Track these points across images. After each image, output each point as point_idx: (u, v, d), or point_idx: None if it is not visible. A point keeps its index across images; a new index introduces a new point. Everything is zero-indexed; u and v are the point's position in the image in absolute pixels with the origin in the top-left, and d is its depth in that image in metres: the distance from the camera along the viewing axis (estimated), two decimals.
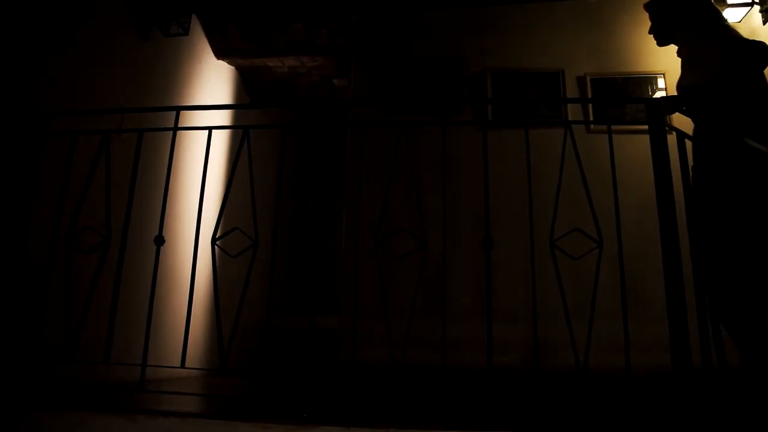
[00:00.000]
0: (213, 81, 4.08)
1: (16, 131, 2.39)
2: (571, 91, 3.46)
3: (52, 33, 2.60)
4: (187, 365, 2.98)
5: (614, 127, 2.80)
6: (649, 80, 3.48)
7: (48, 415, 2.04)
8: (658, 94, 3.45)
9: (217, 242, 2.23)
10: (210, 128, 2.36)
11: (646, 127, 3.11)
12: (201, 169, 3.61)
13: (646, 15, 3.69)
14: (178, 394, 2.62)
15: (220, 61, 4.15)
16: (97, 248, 2.31)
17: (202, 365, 3.80)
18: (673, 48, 3.56)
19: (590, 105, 3.40)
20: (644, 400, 2.58)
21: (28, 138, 2.41)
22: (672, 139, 2.00)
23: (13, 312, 2.33)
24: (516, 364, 2.97)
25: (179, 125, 2.41)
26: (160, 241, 2.28)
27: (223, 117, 4.16)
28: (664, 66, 3.50)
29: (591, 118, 3.40)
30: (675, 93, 2.32)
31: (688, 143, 2.04)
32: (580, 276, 2.19)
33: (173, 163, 3.44)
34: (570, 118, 3.40)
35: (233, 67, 4.33)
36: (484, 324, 2.42)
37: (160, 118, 2.90)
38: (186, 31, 3.29)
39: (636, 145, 3.14)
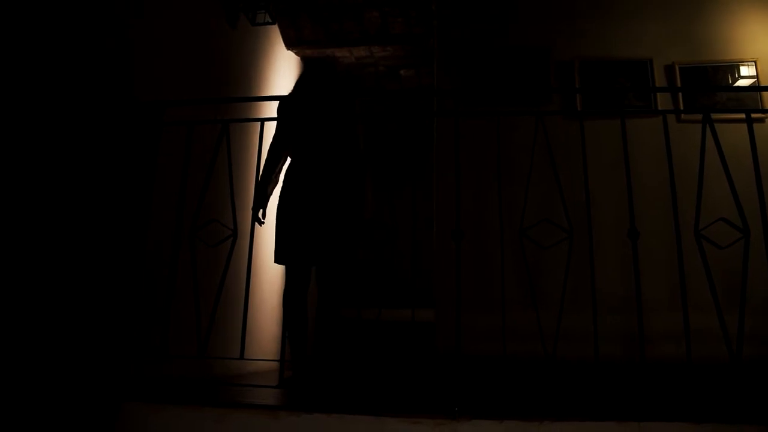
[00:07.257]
0: (283, 71, 4.01)
1: (131, 122, 2.32)
2: (660, 79, 3.41)
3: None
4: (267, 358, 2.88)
5: (713, 116, 2.74)
6: (740, 68, 3.43)
7: (189, 411, 2.01)
8: (746, 82, 3.41)
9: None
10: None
11: (743, 116, 3.03)
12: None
13: (735, 1, 3.65)
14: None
15: (288, 51, 4.08)
16: (223, 241, 2.27)
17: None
18: (764, 35, 3.52)
19: (680, 94, 3.36)
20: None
21: (143, 129, 2.34)
22: None
23: (143, 310, 2.28)
24: (618, 354, 2.93)
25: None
26: None
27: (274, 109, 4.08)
28: (755, 53, 3.45)
29: (681, 107, 3.36)
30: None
31: None
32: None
33: (247, 154, 3.35)
34: (659, 108, 3.36)
35: (299, 58, 4.26)
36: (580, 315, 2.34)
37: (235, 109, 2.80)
38: (273, 20, 3.22)
39: (727, 135, 3.10)
